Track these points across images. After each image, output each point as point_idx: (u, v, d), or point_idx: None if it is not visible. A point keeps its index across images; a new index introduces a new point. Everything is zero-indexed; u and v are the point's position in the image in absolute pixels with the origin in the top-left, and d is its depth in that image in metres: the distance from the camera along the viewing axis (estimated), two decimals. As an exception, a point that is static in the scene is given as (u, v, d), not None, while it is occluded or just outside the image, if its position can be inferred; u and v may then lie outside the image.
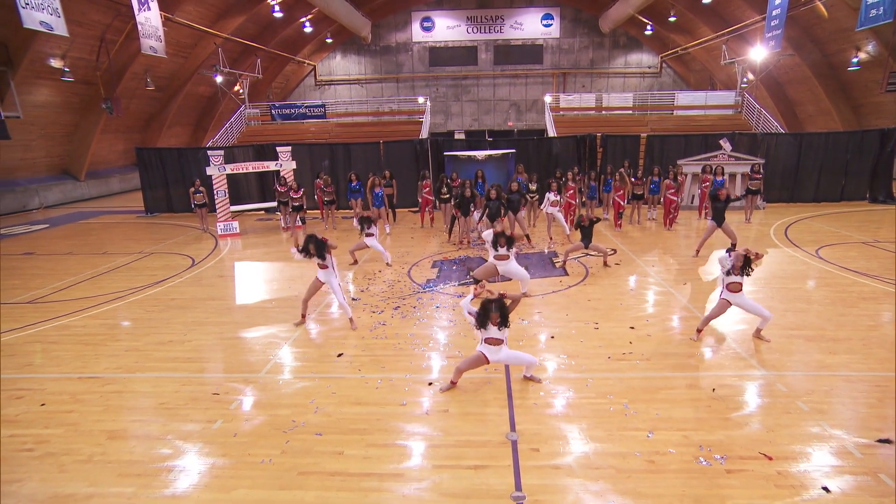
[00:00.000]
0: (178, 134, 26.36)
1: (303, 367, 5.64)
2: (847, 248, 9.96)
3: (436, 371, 5.43)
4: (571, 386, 4.98)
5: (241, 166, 13.78)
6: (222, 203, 13.28)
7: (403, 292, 8.14)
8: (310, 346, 6.21)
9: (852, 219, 13.01)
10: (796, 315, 6.62)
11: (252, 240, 12.78)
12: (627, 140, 15.81)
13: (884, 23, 15.47)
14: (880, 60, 18.96)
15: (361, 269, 9.53)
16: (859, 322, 6.36)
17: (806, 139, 15.24)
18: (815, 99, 23.92)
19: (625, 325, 6.48)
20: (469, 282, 8.56)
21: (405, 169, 15.90)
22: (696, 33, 27.15)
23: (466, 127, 33.86)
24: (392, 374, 5.37)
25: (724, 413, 4.45)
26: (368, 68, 33.42)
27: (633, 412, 4.49)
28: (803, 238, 10.94)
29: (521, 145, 16.06)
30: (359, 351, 5.97)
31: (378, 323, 6.81)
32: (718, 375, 5.12)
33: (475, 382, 5.14)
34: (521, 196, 10.85)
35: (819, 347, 5.66)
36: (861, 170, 15.10)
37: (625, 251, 10.24)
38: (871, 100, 21.26)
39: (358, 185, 13.45)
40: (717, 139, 14.76)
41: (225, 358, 5.97)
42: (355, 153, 16.22)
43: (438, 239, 11.78)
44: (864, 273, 8.33)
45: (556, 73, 33.10)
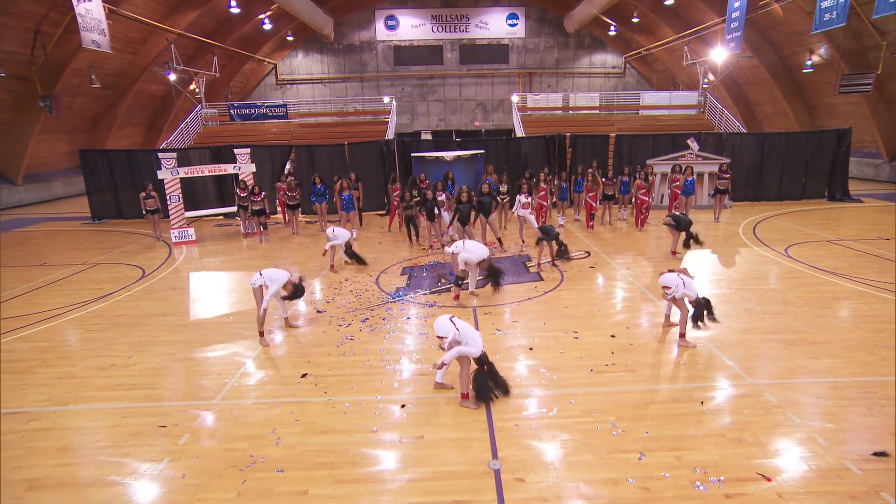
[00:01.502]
0: (130, 135, 24.98)
1: (263, 391, 5.13)
2: (814, 247, 10.08)
3: (408, 391, 5.02)
4: (555, 403, 4.66)
5: (197, 169, 12.98)
6: (176, 208, 12.46)
7: (372, 302, 7.68)
8: (271, 366, 5.69)
9: (814, 217, 13.29)
10: (774, 318, 6.52)
11: (210, 247, 12.03)
12: (596, 140, 15.77)
13: (837, 27, 15.94)
14: (832, 63, 19.64)
15: (327, 279, 9.01)
16: (836, 324, 6.31)
17: (768, 139, 15.55)
18: (773, 100, 24.67)
19: (605, 333, 6.23)
20: (443, 288, 8.18)
21: (371, 171, 15.41)
22: (659, 34, 27.61)
23: (433, 127, 33.49)
24: (361, 396, 4.93)
25: (715, 428, 4.22)
26: (332, 67, 32.62)
27: (621, 431, 4.21)
28: (771, 237, 11.05)
29: (490, 146, 15.79)
30: (324, 370, 5.50)
31: (345, 338, 6.34)
32: (705, 386, 4.91)
33: (452, 402, 4.76)
34: (493, 198, 10.55)
35: (801, 352, 5.54)
36: (820, 169, 15.51)
37: (599, 254, 10.08)
38: (824, 101, 22.04)
39: (323, 187, 12.88)
40: (685, 139, 14.87)
41: (175, 383, 5.38)
42: (319, 155, 15.61)
43: (408, 244, 11.35)
44: (833, 272, 8.38)
45: (522, 72, 33.12)
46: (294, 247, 11.71)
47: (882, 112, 18.92)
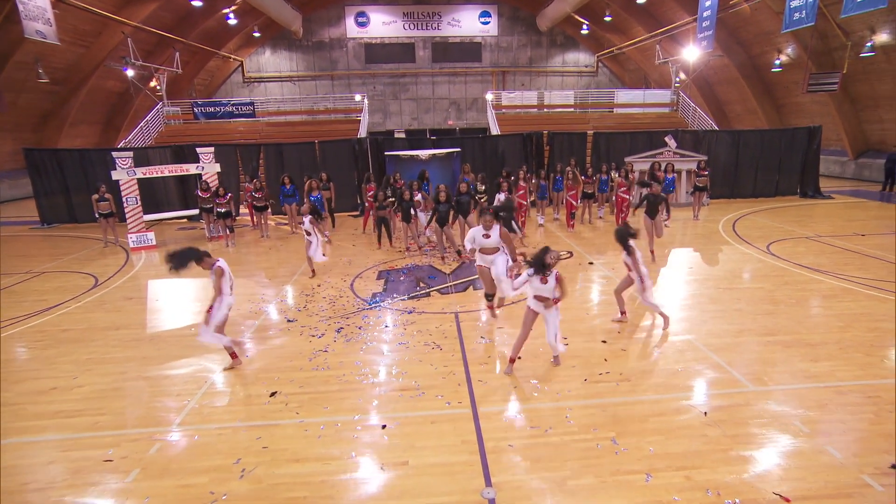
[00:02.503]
0: (85, 133, 23.65)
1: (227, 414, 4.60)
2: (794, 244, 10.05)
3: (389, 409, 4.57)
4: (550, 419, 4.28)
5: (156, 170, 12.18)
6: (133, 212, 11.65)
7: (346, 310, 7.19)
8: (237, 384, 5.15)
9: (789, 213, 13.38)
10: (766, 318, 6.33)
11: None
12: (574, 137, 15.58)
13: (806, 26, 16.16)
14: (799, 63, 20.02)
15: (298, 284, 8.46)
16: (829, 323, 6.15)
17: (743, 137, 15.65)
18: (743, 98, 25.08)
19: (596, 338, 5.91)
20: (422, 293, 7.75)
21: (343, 170, 14.86)
22: (631, 33, 27.77)
23: (406, 126, 32.97)
24: (337, 417, 4.46)
25: (723, 442, 3.91)
26: (301, 65, 31.73)
27: (623, 449, 3.86)
28: (751, 234, 11.00)
29: (467, 144, 15.43)
30: (296, 387, 4.99)
31: (318, 350, 5.84)
32: (707, 395, 4.62)
33: (437, 420, 4.33)
34: (471, 198, 10.16)
35: (799, 354, 5.33)
36: (792, 166, 15.70)
37: (582, 254, 9.80)
38: (792, 100, 22.49)
39: (292, 188, 12.28)
40: (662, 136, 14.82)
41: (126, 407, 4.79)
42: (289, 154, 14.96)
43: (384, 246, 10.86)
44: (816, 269, 8.30)
45: (495, 71, 32.91)
46: (263, 250, 11.08)
47: (847, 111, 19.37)
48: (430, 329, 6.36)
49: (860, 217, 12.60)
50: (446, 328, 6.39)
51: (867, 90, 18.26)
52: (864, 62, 17.16)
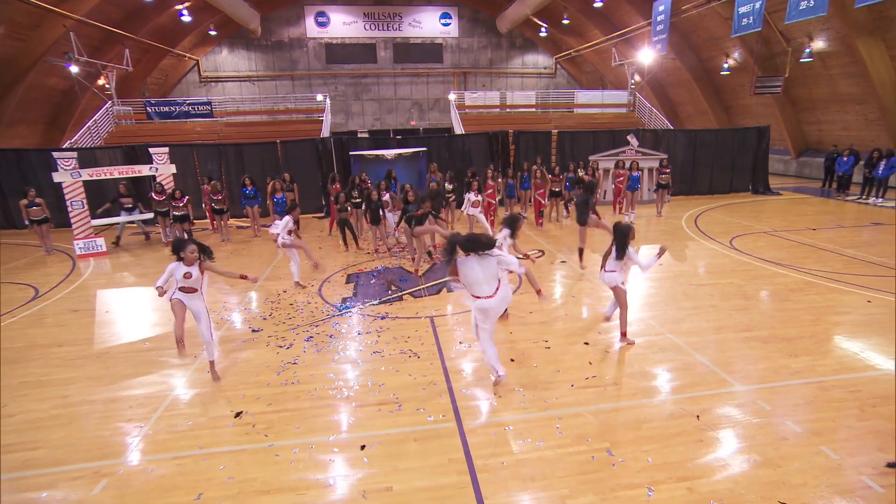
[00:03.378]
0: (25, 134, 21.87)
1: (187, 440, 4.15)
2: (755, 238, 10.30)
3: (368, 425, 4.25)
4: (540, 432, 4.07)
5: (104, 171, 11.30)
6: (79, 216, 10.79)
7: (315, 317, 6.78)
8: (197, 404, 4.69)
9: (744, 209, 13.79)
10: (741, 314, 6.36)
11: (124, 259, 10.51)
12: (539, 136, 15.58)
13: (754, 31, 16.79)
14: (746, 66, 20.84)
15: (263, 290, 7.97)
16: (800, 317, 6.22)
17: (699, 136, 16.08)
18: (694, 100, 25.94)
19: (577, 340, 5.76)
20: (392, 298, 7.42)
21: (307, 171, 14.33)
22: (588, 36, 28.25)
23: (368, 126, 32.43)
24: (311, 438, 4.09)
25: (720, 448, 3.80)
26: (260, 65, 30.65)
27: (620, 460, 3.69)
28: (714, 229, 11.23)
29: (433, 143, 15.19)
30: (264, 406, 4.59)
31: (287, 362, 5.44)
32: (695, 396, 4.52)
33: (420, 438, 4.05)
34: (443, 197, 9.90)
35: (778, 350, 5.34)
36: (744, 164, 16.26)
37: (552, 252, 9.72)
38: (739, 102, 23.41)
39: (253, 190, 11.70)
40: (623, 135, 15.02)
41: (67, 438, 4.26)
42: (249, 154, 14.29)
43: (351, 248, 10.46)
44: (779, 263, 8.49)
45: (456, 72, 32.83)
46: (224, 255, 10.44)
47: (789, 112, 20.31)
48: (406, 335, 6.05)
49: (808, 212, 13.10)
50: (422, 334, 6.11)
51: (806, 93, 19.19)
52: (804, 67, 18.00)
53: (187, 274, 4.84)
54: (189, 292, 4.89)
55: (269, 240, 11.74)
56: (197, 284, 4.91)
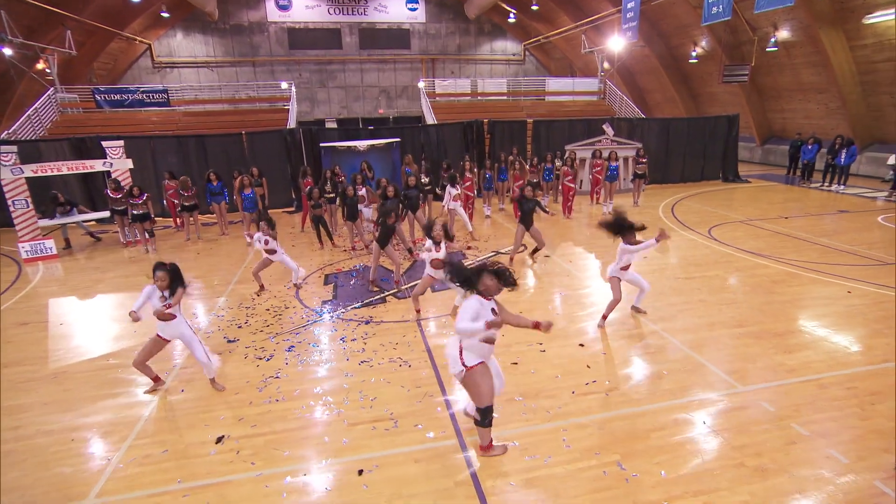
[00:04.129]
0: (-47, 124, 20.21)
1: (162, 474, 3.76)
2: (732, 228, 10.42)
3: (364, 446, 3.96)
4: (547, 446, 3.87)
5: (51, 167, 10.42)
6: (24, 217, 9.94)
7: (295, 323, 6.40)
8: (171, 431, 4.29)
9: (717, 198, 14.00)
10: (731, 308, 6.34)
11: (80, 262, 9.76)
12: (514, 126, 15.36)
13: (723, 20, 16.97)
14: (713, 55, 21.15)
15: (236, 295, 7.50)
16: (787, 310, 6.25)
17: (672, 124, 16.21)
18: (662, 87, 26.25)
19: (572, 342, 5.61)
20: (375, 300, 7.10)
21: (275, 163, 13.70)
22: (557, 23, 28.09)
23: (335, 115, 31.49)
24: (303, 463, 3.78)
25: (731, 456, 3.70)
26: (218, 50, 29.19)
27: (633, 475, 3.53)
28: (691, 219, 11.32)
29: (406, 134, 14.76)
30: (247, 428, 4.23)
31: (268, 377, 5.07)
32: (699, 399, 4.42)
33: (422, 459, 3.79)
34: (420, 192, 9.58)
35: (772, 347, 5.32)
36: (715, 152, 16.51)
37: (536, 246, 9.54)
38: (707, 90, 23.80)
39: (219, 185, 11.06)
40: (599, 124, 14.98)
41: (21, 480, 3.81)
42: (212, 147, 13.53)
43: (326, 246, 10.03)
44: (758, 253, 8.58)
45: (424, 58, 32.19)
46: (190, 256, 9.85)
47: (755, 101, 20.76)
48: (393, 342, 5.76)
49: (777, 200, 13.40)
50: (410, 339, 5.83)
51: (771, 82, 19.64)
52: (769, 56, 18.38)
53: (162, 297, 4.47)
54: (167, 319, 4.51)
55: (238, 237, 11.19)
56: (174, 310, 4.53)
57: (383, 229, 7.46)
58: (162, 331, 4.63)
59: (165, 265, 4.49)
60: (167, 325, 4.57)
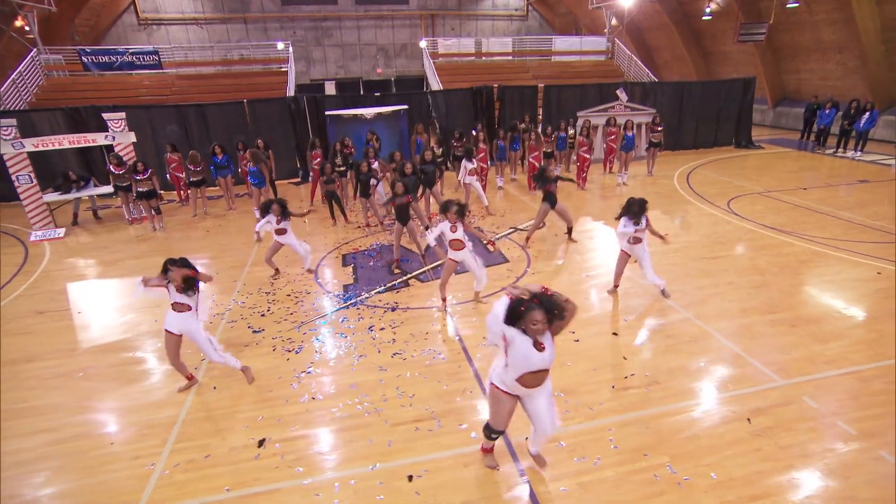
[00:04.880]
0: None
1: (209, 482, 3.72)
2: (751, 201, 10.25)
3: (409, 449, 3.93)
4: (594, 447, 3.85)
5: (53, 141, 10.02)
6: (30, 193, 9.68)
7: (319, 311, 6.30)
8: (211, 434, 4.24)
9: (732, 166, 13.73)
10: (760, 293, 6.26)
11: (83, 242, 9.55)
12: (525, 91, 14.85)
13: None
14: (728, 12, 20.30)
15: (253, 278, 7.36)
16: (818, 295, 6.18)
17: (686, 88, 15.70)
18: (672, 45, 25.34)
19: (605, 330, 5.54)
20: (398, 283, 6.98)
21: (278, 133, 13.28)
22: (564, -25, 26.83)
23: (332, 74, 30.42)
24: (350, 469, 3.75)
25: (780, 457, 3.69)
26: (207, 6, 27.79)
27: (684, 478, 3.52)
28: (708, 191, 11.11)
29: (414, 100, 14.27)
30: (286, 430, 4.19)
31: (300, 372, 5.00)
32: (740, 394, 4.39)
33: (470, 463, 3.76)
34: (437, 167, 9.29)
35: (808, 335, 5.26)
36: (729, 117, 16.08)
37: (553, 221, 9.37)
38: (719, 48, 22.99)
39: (225, 158, 10.73)
40: (612, 89, 14.50)
41: (71, 488, 3.77)
42: (213, 116, 13.03)
43: (339, 222, 9.82)
44: (781, 229, 8.45)
45: (423, 14, 30.83)
46: (200, 234, 9.65)
47: (769, 61, 20.07)
48: (423, 331, 5.69)
49: (793, 168, 13.16)
50: (440, 328, 5.76)
51: (788, 40, 18.93)
52: (788, 13, 17.63)
53: (179, 288, 4.29)
54: (181, 310, 4.35)
55: (246, 211, 10.96)
56: (191, 300, 4.36)
57: (399, 206, 7.29)
58: (170, 325, 4.41)
59: (177, 261, 4.26)
60: (177, 316, 4.37)
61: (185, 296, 4.31)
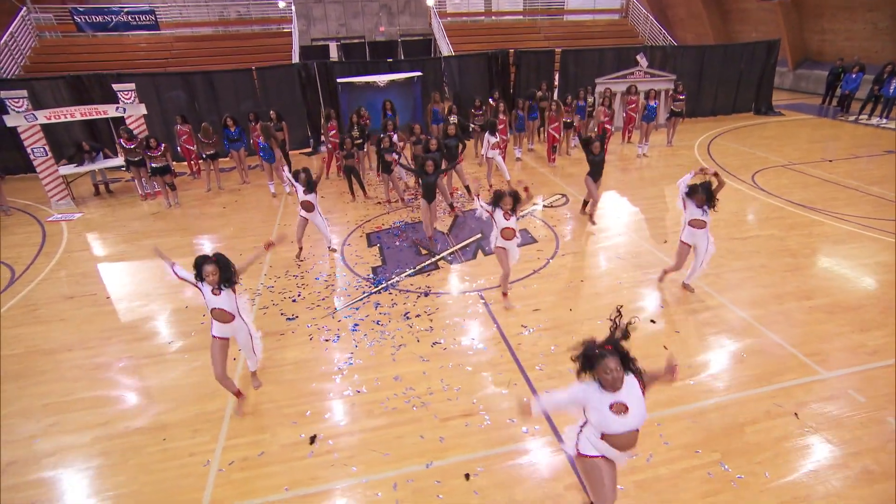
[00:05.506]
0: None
1: (266, 480, 3.77)
2: (776, 174, 10.05)
3: (462, 445, 3.97)
4: (645, 442, 3.86)
5: (65, 112, 9.69)
6: (46, 167, 9.50)
7: (351, 295, 6.27)
8: (260, 430, 4.27)
9: (752, 135, 13.41)
10: (795, 276, 6.20)
11: (101, 220, 9.41)
12: (541, 57, 14.32)
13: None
14: (751, -36, 19.37)
15: (280, 259, 7.29)
16: (854, 279, 6.12)
17: (707, 52, 15.15)
18: (688, 2, 24.30)
19: (642, 316, 5.51)
20: (428, 266, 6.92)
21: (287, 101, 12.90)
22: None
23: (333, 33, 29.30)
24: (406, 467, 3.79)
25: (832, 455, 3.72)
26: (201, -42, 26.48)
27: (738, 476, 3.57)
28: (731, 163, 10.89)
29: (429, 67, 13.78)
30: (336, 426, 4.21)
31: (342, 363, 5.01)
32: (785, 387, 4.41)
33: (524, 459, 3.81)
34: (460, 141, 9.06)
35: (847, 323, 5.25)
36: (750, 82, 15.59)
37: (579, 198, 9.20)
38: (738, 5, 22.03)
39: (237, 131, 10.47)
40: (632, 54, 13.99)
41: (130, 484, 3.83)
42: (222, 85, 12.62)
43: (358, 198, 9.66)
44: (810, 207, 8.32)
45: (429, -32, 29.42)
46: (217, 210, 9.52)
47: (793, 19, 19.27)
48: (460, 317, 5.67)
49: (816, 137, 12.87)
50: (476, 314, 5.73)
51: (815, -1, 18.14)
52: (816, -34, 16.82)
53: (216, 290, 3.99)
54: (225, 320, 4.08)
55: (261, 185, 10.79)
56: (230, 305, 4.07)
57: (427, 185, 7.17)
58: (219, 330, 4.12)
59: (211, 258, 3.97)
60: (224, 325, 4.11)
61: (224, 295, 4.03)
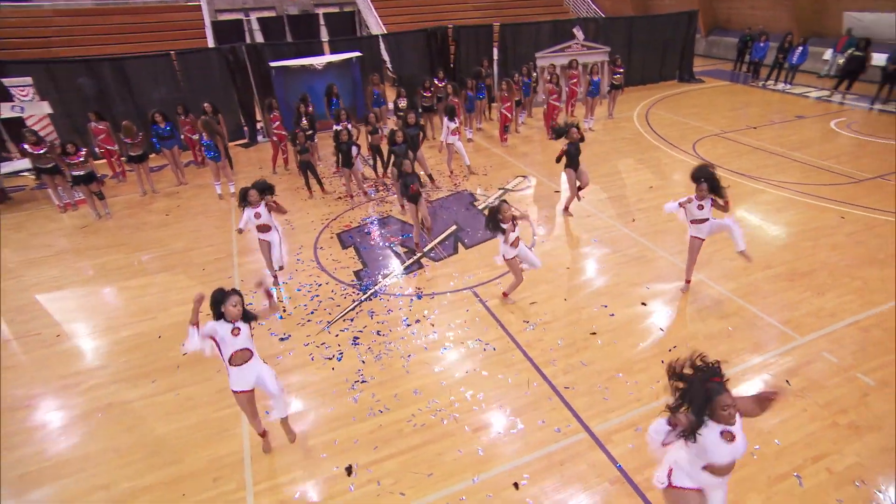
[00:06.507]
0: None
1: (305, 514, 3.63)
2: (712, 144, 10.80)
3: (502, 454, 4.02)
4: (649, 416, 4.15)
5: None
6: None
7: (341, 305, 6.04)
8: (290, 465, 4.06)
9: (682, 104, 14.22)
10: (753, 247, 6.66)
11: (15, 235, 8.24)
12: (480, 32, 14.15)
13: None
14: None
15: (247, 272, 6.81)
16: (801, 245, 6.75)
17: (635, 23, 15.71)
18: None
19: (633, 300, 5.81)
20: (413, 265, 6.79)
21: (217, 89, 11.84)
22: None
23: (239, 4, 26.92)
24: (454, 486, 3.78)
25: (824, 416, 4.19)
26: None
27: (755, 447, 3.93)
28: (670, 133, 11.54)
29: (363, 45, 13.16)
30: (370, 452, 4.10)
31: (354, 382, 4.85)
32: (773, 357, 4.86)
33: (564, 461, 3.94)
34: (420, 129, 8.82)
35: (805, 288, 5.82)
36: (674, 51, 16.44)
37: (540, 179, 9.37)
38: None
39: (168, 127, 9.52)
40: (567, 27, 14.21)
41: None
42: (135, 73, 11.29)
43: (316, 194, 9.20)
44: (748, 175, 9.04)
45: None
46: (159, 219, 8.67)
47: (704, -11, 20.39)
48: (460, 319, 5.66)
49: (736, 104, 13.87)
50: (475, 313, 5.75)
51: (721, -32, 19.26)
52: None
53: (235, 330, 3.63)
54: (246, 359, 3.68)
55: (202, 185, 9.96)
56: (250, 341, 3.73)
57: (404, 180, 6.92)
58: (239, 382, 3.70)
59: (236, 291, 3.64)
60: (243, 369, 3.68)
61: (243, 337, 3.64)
